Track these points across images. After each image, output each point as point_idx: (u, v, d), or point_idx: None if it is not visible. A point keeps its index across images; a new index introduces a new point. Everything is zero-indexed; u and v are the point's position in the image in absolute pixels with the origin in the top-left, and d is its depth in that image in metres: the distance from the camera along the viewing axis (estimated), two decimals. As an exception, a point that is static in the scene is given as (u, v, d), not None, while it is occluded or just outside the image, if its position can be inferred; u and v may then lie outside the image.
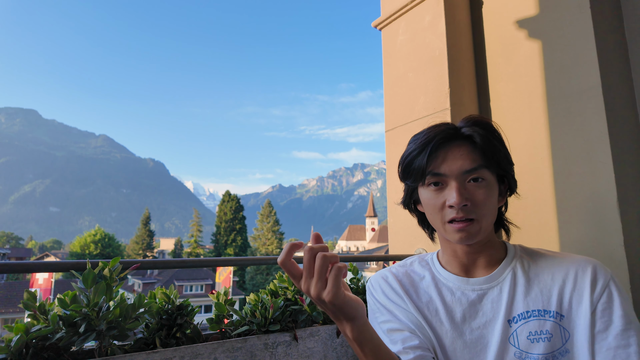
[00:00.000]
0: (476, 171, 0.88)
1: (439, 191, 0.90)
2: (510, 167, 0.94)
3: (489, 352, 0.88)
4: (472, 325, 0.90)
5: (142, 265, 1.21)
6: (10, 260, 3.58)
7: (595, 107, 1.56)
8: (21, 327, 0.93)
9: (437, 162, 0.89)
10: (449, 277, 0.97)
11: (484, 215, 0.88)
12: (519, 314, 0.88)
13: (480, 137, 0.89)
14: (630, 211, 1.49)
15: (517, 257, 0.96)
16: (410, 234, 2.02)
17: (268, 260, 1.73)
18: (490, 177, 0.90)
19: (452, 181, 0.88)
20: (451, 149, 0.90)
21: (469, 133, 0.90)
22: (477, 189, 0.88)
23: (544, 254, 0.96)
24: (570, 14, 1.67)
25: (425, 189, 0.93)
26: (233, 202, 56.56)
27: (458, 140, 0.91)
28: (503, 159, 0.91)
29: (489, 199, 0.89)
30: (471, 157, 0.89)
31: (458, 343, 0.90)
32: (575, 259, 0.90)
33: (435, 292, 0.97)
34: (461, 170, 0.88)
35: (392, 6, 2.30)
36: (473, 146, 0.90)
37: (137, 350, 1.10)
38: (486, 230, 0.90)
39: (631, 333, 0.79)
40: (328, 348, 1.36)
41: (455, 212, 0.87)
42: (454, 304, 0.93)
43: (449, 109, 1.90)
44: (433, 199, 0.91)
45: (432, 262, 1.03)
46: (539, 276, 0.91)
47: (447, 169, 0.89)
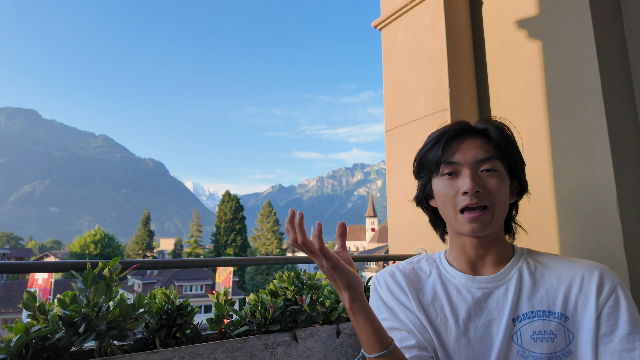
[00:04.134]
0: (489, 161, 0.91)
1: (453, 180, 0.92)
2: (522, 164, 0.97)
3: (493, 349, 0.88)
4: (477, 323, 0.91)
5: (142, 265, 1.21)
6: (10, 261, 3.58)
7: (595, 107, 1.56)
8: (21, 327, 0.93)
9: (451, 152, 0.93)
10: (456, 274, 0.97)
11: (496, 204, 0.89)
12: (524, 314, 0.88)
13: (494, 130, 0.93)
14: (630, 211, 1.49)
15: (524, 258, 0.96)
16: (410, 234, 2.02)
17: (268, 260, 1.73)
18: (503, 170, 0.93)
19: (466, 169, 0.91)
20: (465, 140, 0.94)
21: (483, 127, 0.95)
22: (489, 177, 0.90)
23: (551, 257, 0.96)
24: (570, 14, 1.67)
25: (439, 179, 0.95)
26: (233, 202, 56.54)
27: (472, 133, 0.95)
28: (515, 154, 0.95)
29: (502, 188, 0.91)
30: (485, 148, 0.92)
31: (462, 340, 0.91)
32: (582, 263, 0.91)
33: (441, 289, 0.97)
34: (475, 159, 0.91)
35: (391, 6, 2.30)
36: (487, 139, 0.94)
37: (137, 350, 1.09)
38: (498, 220, 0.91)
39: (636, 337, 0.79)
40: (328, 348, 1.36)
41: (469, 198, 0.88)
42: (460, 301, 0.94)
43: (449, 109, 1.90)
44: (447, 188, 0.93)
45: (440, 260, 1.03)
46: (545, 278, 0.91)
47: (462, 157, 0.92)
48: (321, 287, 1.58)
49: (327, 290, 1.60)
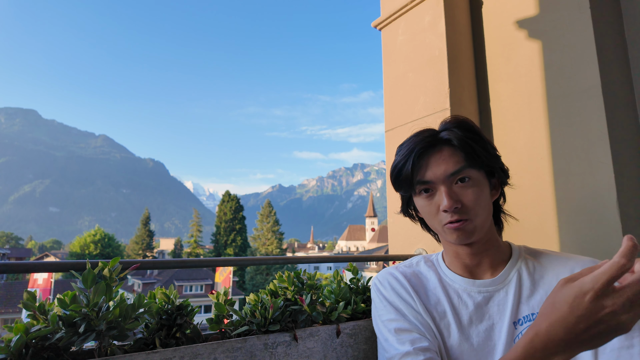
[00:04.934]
0: (460, 172, 0.89)
1: (431, 197, 0.92)
2: (495, 160, 0.93)
3: (495, 354, 0.88)
4: (478, 328, 0.91)
5: (142, 266, 1.21)
6: (10, 261, 3.58)
7: (595, 107, 1.56)
8: (21, 327, 0.93)
9: (423, 171, 0.91)
10: (455, 278, 0.97)
11: (476, 214, 0.88)
12: (525, 316, 0.88)
13: (457, 139, 0.90)
14: (630, 211, 1.49)
15: (522, 258, 0.96)
16: (410, 234, 2.02)
17: (268, 260, 1.73)
18: (477, 174, 0.91)
19: (440, 186, 0.90)
20: (433, 155, 0.91)
21: (447, 137, 0.91)
22: (465, 189, 0.89)
23: (549, 254, 0.96)
24: (570, 14, 1.67)
25: (418, 197, 0.94)
26: (233, 202, 56.54)
27: (438, 145, 0.92)
28: (485, 155, 0.91)
29: (480, 197, 0.89)
30: (453, 160, 0.90)
31: (465, 346, 0.90)
32: (580, 259, 0.90)
33: (442, 293, 0.97)
34: (446, 174, 0.89)
35: (391, 6, 2.30)
36: (453, 149, 0.91)
37: (137, 350, 1.09)
38: (482, 227, 0.90)
39: (635, 334, 0.78)
40: (328, 348, 1.36)
41: (450, 215, 0.88)
42: (461, 306, 0.94)
43: (449, 109, 1.90)
44: (427, 206, 0.92)
45: (438, 263, 1.03)
46: (544, 277, 0.91)
47: (433, 175, 0.90)
48: (321, 287, 1.58)
49: (327, 290, 1.60)
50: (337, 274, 1.60)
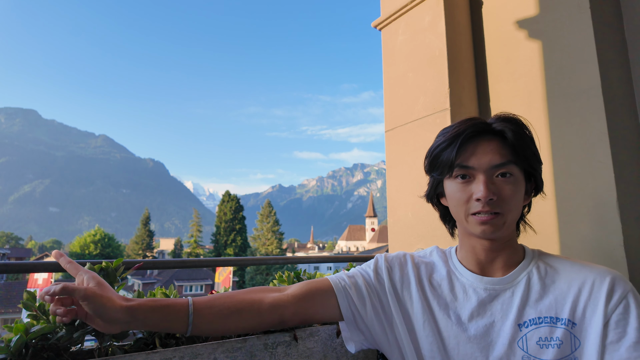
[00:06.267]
0: (505, 166, 0.88)
1: (466, 184, 0.90)
2: (538, 165, 0.94)
3: (493, 351, 0.88)
4: (478, 323, 0.90)
5: (143, 265, 1.21)
6: (10, 261, 3.58)
7: (595, 107, 1.56)
8: (21, 327, 0.93)
9: (466, 155, 0.89)
10: (465, 272, 0.96)
11: (509, 210, 0.88)
12: (531, 319, 0.87)
13: (511, 133, 0.90)
14: (630, 211, 1.49)
15: (535, 261, 0.94)
16: (410, 234, 2.02)
17: (268, 260, 1.73)
18: (519, 173, 0.90)
19: (480, 175, 0.88)
20: (481, 143, 0.90)
21: (500, 128, 0.91)
22: (504, 184, 0.88)
23: (563, 261, 0.94)
24: (570, 14, 1.67)
25: (452, 181, 0.92)
26: (233, 202, 56.55)
27: (488, 134, 0.91)
28: (532, 156, 0.91)
29: (516, 195, 0.88)
30: (501, 152, 0.89)
31: (462, 337, 0.90)
32: (595, 269, 0.88)
33: (447, 286, 0.97)
34: (490, 164, 0.88)
35: (391, 6, 2.30)
36: (503, 142, 0.90)
37: (137, 350, 1.09)
38: (510, 225, 0.90)
39: None
40: (328, 348, 1.36)
41: (482, 205, 0.86)
42: (464, 300, 0.93)
43: (449, 109, 1.90)
44: (459, 191, 0.90)
45: (450, 255, 1.03)
46: (556, 283, 0.89)
47: (476, 162, 0.88)
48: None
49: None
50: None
